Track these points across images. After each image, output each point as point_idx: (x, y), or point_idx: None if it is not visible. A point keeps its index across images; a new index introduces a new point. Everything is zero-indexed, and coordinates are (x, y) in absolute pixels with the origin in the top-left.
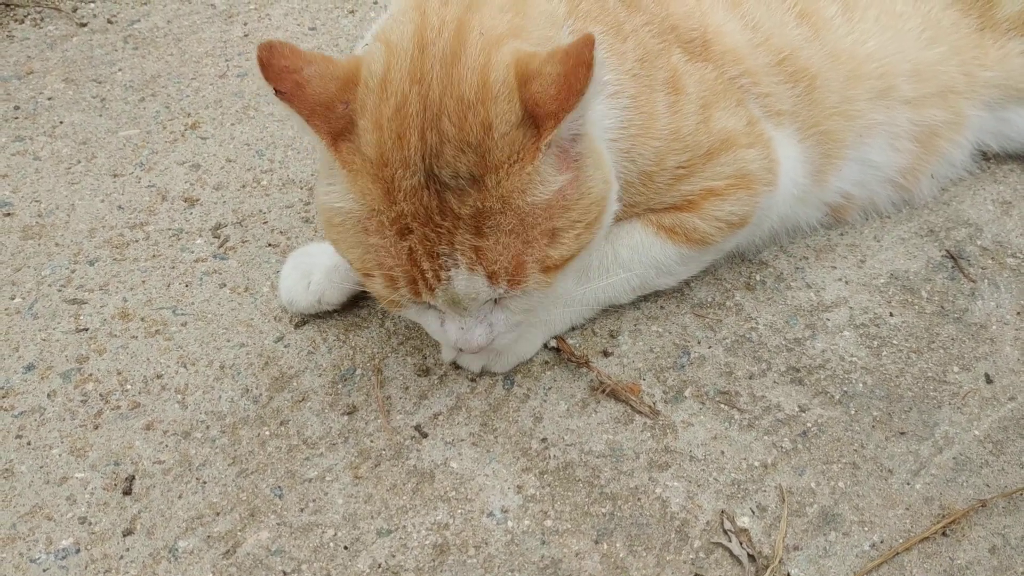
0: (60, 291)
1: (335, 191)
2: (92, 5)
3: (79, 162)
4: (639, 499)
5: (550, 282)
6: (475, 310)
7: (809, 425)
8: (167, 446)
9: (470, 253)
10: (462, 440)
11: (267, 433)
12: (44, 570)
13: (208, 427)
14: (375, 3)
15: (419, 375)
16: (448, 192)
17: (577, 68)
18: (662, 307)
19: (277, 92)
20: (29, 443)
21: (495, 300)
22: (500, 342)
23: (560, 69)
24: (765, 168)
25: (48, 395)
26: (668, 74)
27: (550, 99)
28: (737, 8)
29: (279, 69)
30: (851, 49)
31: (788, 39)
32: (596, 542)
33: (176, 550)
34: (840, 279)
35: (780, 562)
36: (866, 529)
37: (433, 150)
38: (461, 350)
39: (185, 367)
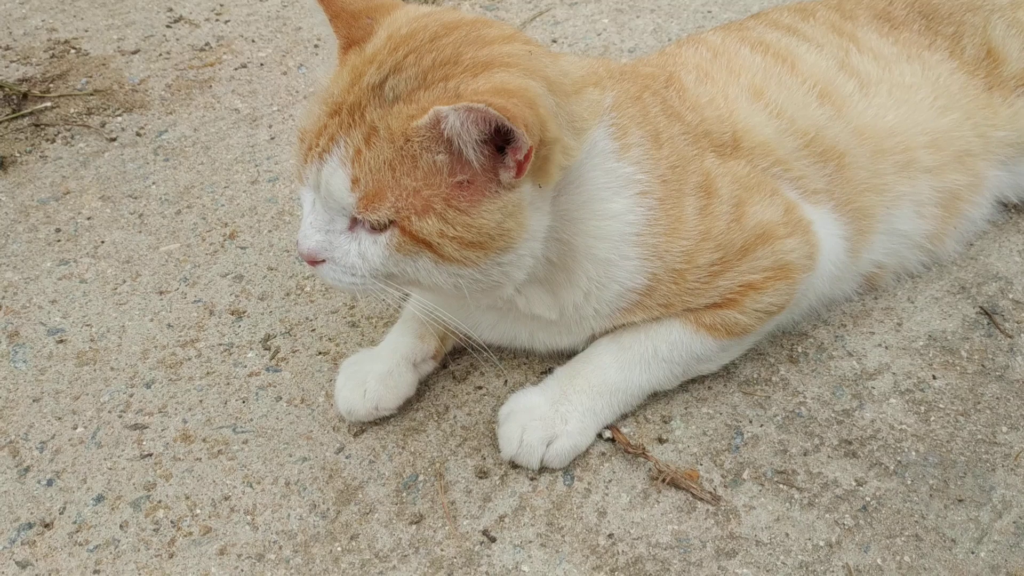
0: (120, 417)
1: None
2: (119, 119)
3: (124, 281)
4: None
5: None
6: None
7: (868, 499)
8: (242, 570)
9: None
10: (530, 542)
11: (339, 549)
12: None
13: (281, 547)
14: None
15: (480, 477)
16: None
17: None
18: (710, 387)
19: None
20: None
21: None
22: None
23: None
24: (805, 255)
25: (120, 526)
26: (701, 178)
27: None
28: (760, 98)
29: None
30: (873, 124)
31: (812, 120)
32: None
33: None
34: (880, 344)
35: None
36: None
37: None
38: None
39: (251, 486)
